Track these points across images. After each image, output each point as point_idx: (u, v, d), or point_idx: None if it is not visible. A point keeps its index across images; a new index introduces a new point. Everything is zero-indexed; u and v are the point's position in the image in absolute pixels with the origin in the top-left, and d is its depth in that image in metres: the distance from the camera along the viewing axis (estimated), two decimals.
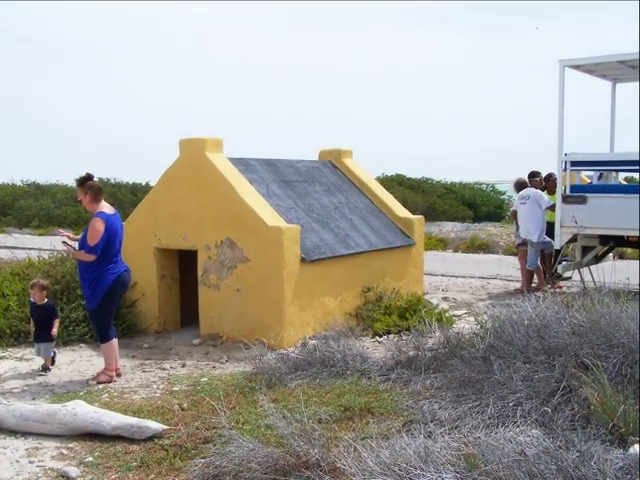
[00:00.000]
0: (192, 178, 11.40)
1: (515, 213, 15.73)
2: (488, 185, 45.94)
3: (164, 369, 9.68)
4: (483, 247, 25.02)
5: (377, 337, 11.07)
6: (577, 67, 14.92)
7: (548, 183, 15.89)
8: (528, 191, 15.26)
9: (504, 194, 42.58)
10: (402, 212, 14.22)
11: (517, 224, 15.75)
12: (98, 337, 9.38)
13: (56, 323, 9.68)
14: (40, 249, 17.59)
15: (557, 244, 14.31)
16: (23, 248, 19.57)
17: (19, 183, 45.31)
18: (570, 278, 15.54)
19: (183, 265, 12.15)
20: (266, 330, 10.41)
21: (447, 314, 11.79)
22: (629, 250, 20.26)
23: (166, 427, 7.02)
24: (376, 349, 10.23)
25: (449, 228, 30.08)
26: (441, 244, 26.23)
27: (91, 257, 8.84)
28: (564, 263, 15.01)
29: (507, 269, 18.74)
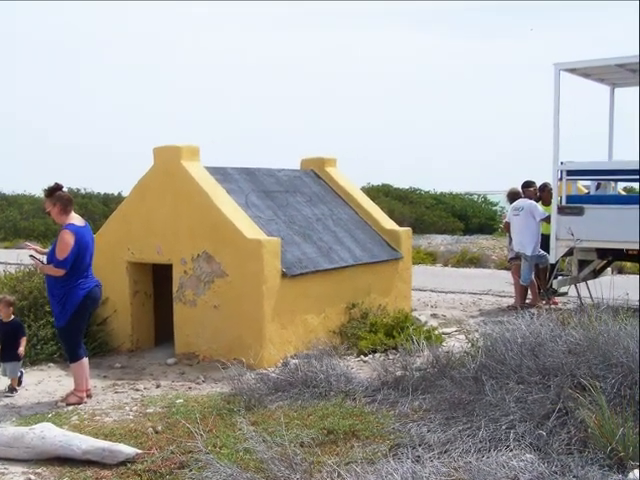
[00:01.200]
0: (167, 188, 11.39)
1: (508, 225, 15.75)
2: (479, 195, 46.16)
3: (137, 390, 9.66)
4: (474, 261, 25.07)
5: (362, 356, 11.07)
6: (573, 71, 14.93)
7: (543, 193, 15.90)
8: (522, 202, 15.28)
9: (496, 205, 42.74)
10: (389, 224, 14.25)
11: (510, 237, 15.75)
12: (67, 356, 9.36)
13: (23, 341, 9.64)
14: (6, 263, 17.57)
15: (552, 258, 14.32)
16: None
17: None
18: (566, 294, 15.56)
19: (157, 280, 12.13)
20: (245, 349, 10.39)
21: (436, 332, 11.81)
22: (628, 264, 20.30)
23: (139, 451, 6.99)
24: (361, 369, 10.24)
25: (438, 241, 30.15)
26: (430, 258, 26.26)
27: (60, 271, 8.82)
28: (560, 278, 15.04)
29: (499, 284, 18.77)
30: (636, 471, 5.40)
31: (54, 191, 9.06)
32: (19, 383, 9.70)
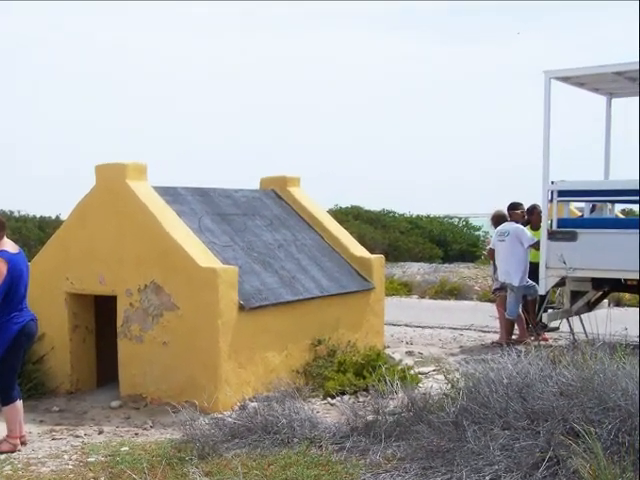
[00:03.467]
0: (110, 210, 11.37)
1: (492, 252, 15.78)
2: (460, 219, 46.26)
3: (77, 436, 9.61)
4: (454, 292, 25.08)
5: (329, 398, 11.08)
6: (565, 79, 14.98)
7: (531, 216, 15.97)
8: (508, 226, 15.33)
9: (479, 229, 42.87)
10: (359, 251, 14.28)
11: (494, 265, 15.79)
12: None
13: None
14: None
15: (542, 289, 14.33)
16: None
17: None
18: (557, 329, 15.61)
19: (100, 313, 12.09)
20: (198, 390, 10.37)
21: (412, 371, 11.84)
22: (627, 296, 20.31)
23: None
24: (328, 413, 10.26)
25: (414, 270, 30.22)
26: (405, 288, 26.29)
27: None
28: (550, 311, 15.05)
29: (483, 318, 18.73)
30: None
31: None
32: None
